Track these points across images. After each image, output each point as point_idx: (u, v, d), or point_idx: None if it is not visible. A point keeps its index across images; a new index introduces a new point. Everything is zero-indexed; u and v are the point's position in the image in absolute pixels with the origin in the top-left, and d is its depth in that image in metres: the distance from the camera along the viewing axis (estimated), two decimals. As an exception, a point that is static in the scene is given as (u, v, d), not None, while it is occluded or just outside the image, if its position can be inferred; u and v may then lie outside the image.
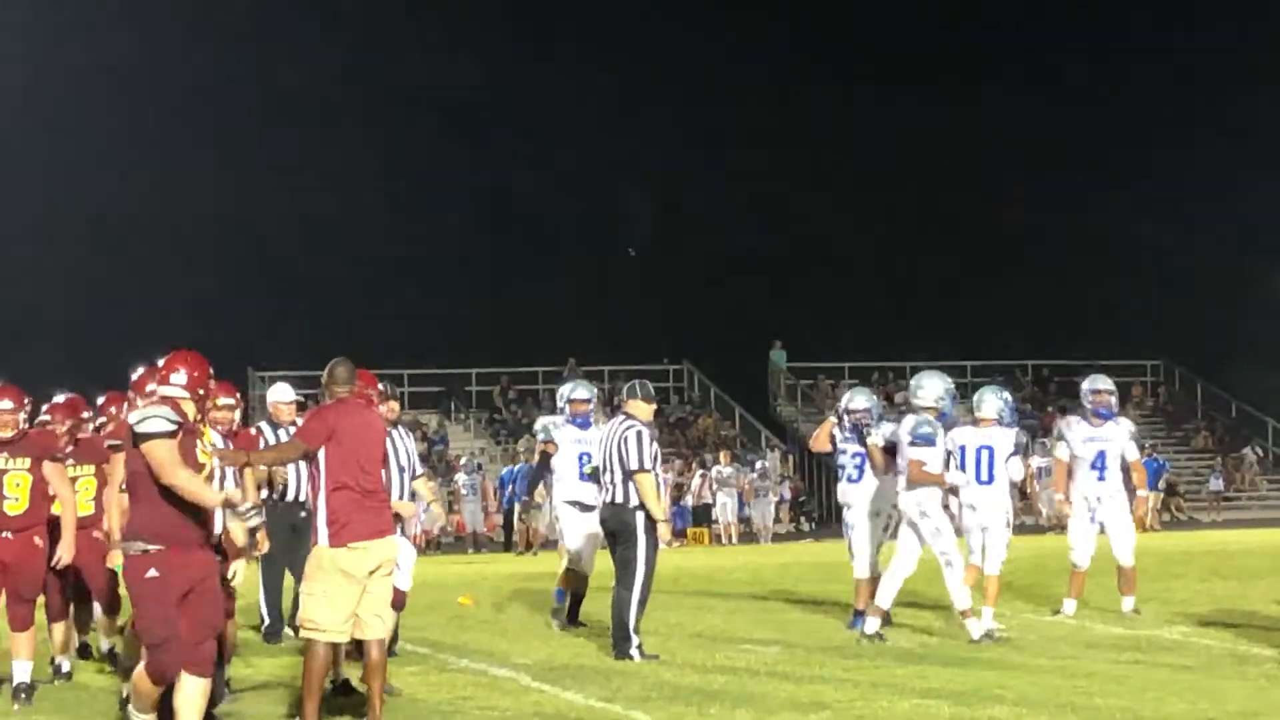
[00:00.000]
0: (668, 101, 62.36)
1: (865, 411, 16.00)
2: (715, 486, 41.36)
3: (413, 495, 13.89)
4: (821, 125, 62.35)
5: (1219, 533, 38.68)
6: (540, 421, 17.51)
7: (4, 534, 12.18)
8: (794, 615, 17.33)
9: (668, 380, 53.98)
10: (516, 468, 38.61)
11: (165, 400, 9.73)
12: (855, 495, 16.19)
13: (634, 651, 13.97)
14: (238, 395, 13.27)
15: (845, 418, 16.16)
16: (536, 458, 17.28)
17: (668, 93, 62.18)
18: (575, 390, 17.25)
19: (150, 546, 9.42)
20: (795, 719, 10.91)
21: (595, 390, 17.67)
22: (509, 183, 59.37)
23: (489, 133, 59.50)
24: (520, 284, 58.46)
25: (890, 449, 15.45)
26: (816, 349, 56.02)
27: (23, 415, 12.42)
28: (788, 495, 47.52)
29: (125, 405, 12.49)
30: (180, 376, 9.93)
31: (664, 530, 14.54)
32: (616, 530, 14.34)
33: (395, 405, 13.62)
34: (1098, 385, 17.27)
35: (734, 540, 39.97)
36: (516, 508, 37.37)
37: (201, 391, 10.01)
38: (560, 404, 17.42)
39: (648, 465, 14.35)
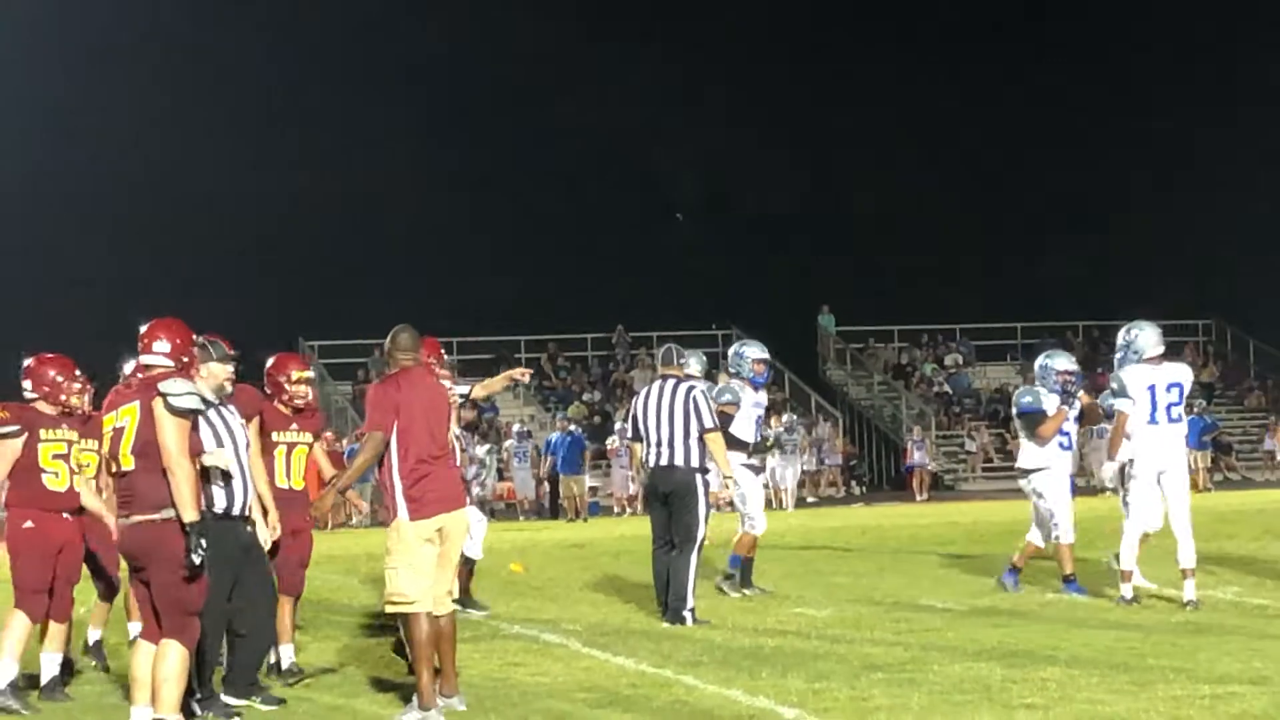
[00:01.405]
0: (715, 64, 62.19)
1: (1070, 373, 15.63)
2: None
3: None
4: (871, 88, 62.15)
5: (1273, 492, 38.47)
6: (724, 382, 16.93)
7: (63, 514, 11.47)
8: (843, 580, 17.32)
9: (716, 346, 53.89)
10: (558, 436, 38.63)
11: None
12: (1060, 461, 15.69)
13: (688, 615, 13.99)
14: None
15: (1047, 380, 15.67)
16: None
17: (714, 56, 62.02)
18: (756, 349, 16.81)
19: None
20: (847, 683, 10.87)
21: None
22: (555, 150, 59.29)
23: (534, 100, 59.37)
24: (568, 251, 58.41)
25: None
26: (865, 313, 55.96)
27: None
28: (839, 459, 47.44)
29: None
30: (163, 344, 9.77)
31: (732, 487, 14.71)
32: (674, 492, 14.30)
33: (446, 374, 13.59)
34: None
35: (787, 505, 39.88)
36: (561, 476, 37.48)
37: (185, 359, 9.86)
38: (736, 365, 16.77)
39: (718, 424, 14.45)
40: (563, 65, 59.88)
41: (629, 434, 15.14)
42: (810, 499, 42.09)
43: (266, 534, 10.98)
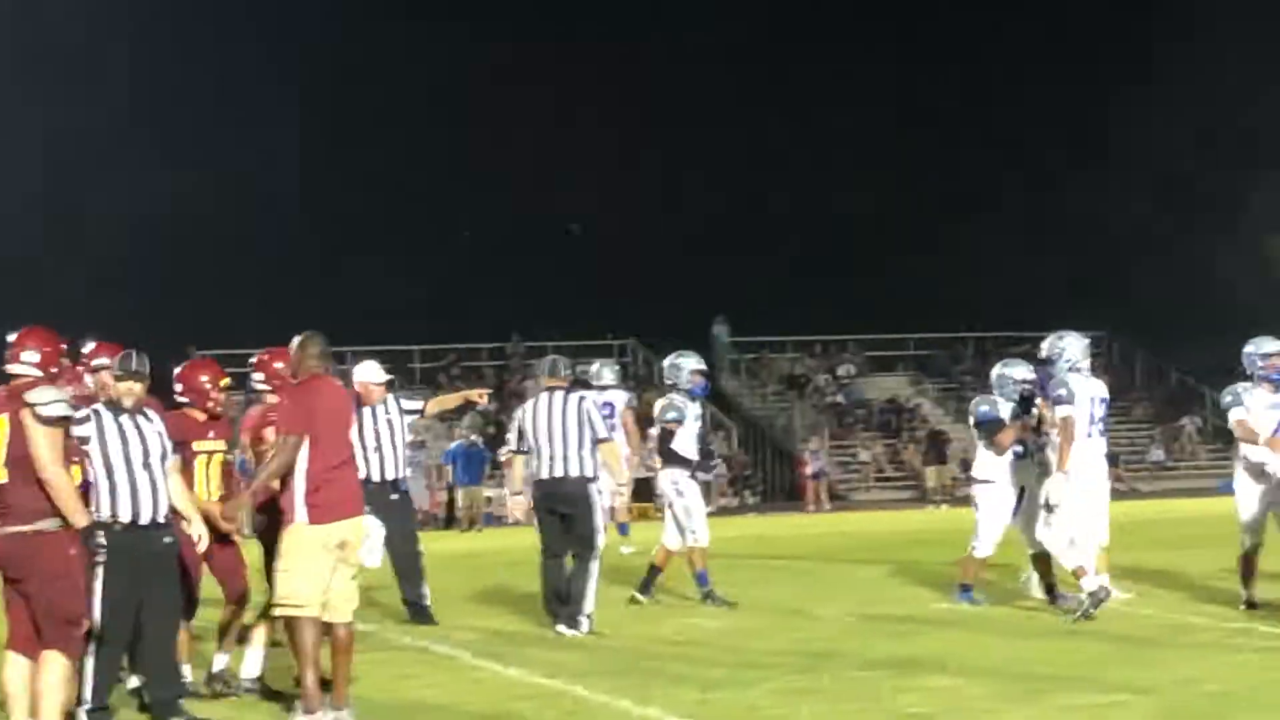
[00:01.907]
0: (611, 79, 62.22)
1: (1029, 382, 15.31)
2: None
3: None
4: (766, 100, 62.43)
5: (1159, 502, 38.91)
6: (666, 400, 16.49)
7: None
8: (735, 589, 17.32)
9: (613, 356, 53.92)
10: (456, 445, 38.50)
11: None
12: (1006, 475, 15.35)
13: (584, 620, 13.99)
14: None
15: (1005, 389, 15.43)
16: (658, 436, 16.48)
17: (611, 70, 62.05)
18: (694, 360, 16.69)
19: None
20: (738, 693, 10.89)
21: None
22: (450, 157, 59.13)
23: (432, 107, 59.23)
24: (463, 260, 58.24)
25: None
26: (759, 323, 56.09)
27: None
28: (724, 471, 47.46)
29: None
30: (31, 354, 9.65)
31: (624, 494, 14.72)
32: (567, 503, 14.27)
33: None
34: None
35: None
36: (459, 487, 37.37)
37: (54, 370, 9.74)
38: (674, 376, 16.60)
39: (610, 434, 14.48)
40: (460, 72, 59.80)
41: (512, 447, 15.03)
42: (709, 508, 42.11)
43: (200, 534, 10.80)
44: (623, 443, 23.88)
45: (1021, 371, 15.39)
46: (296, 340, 10.69)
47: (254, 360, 12.00)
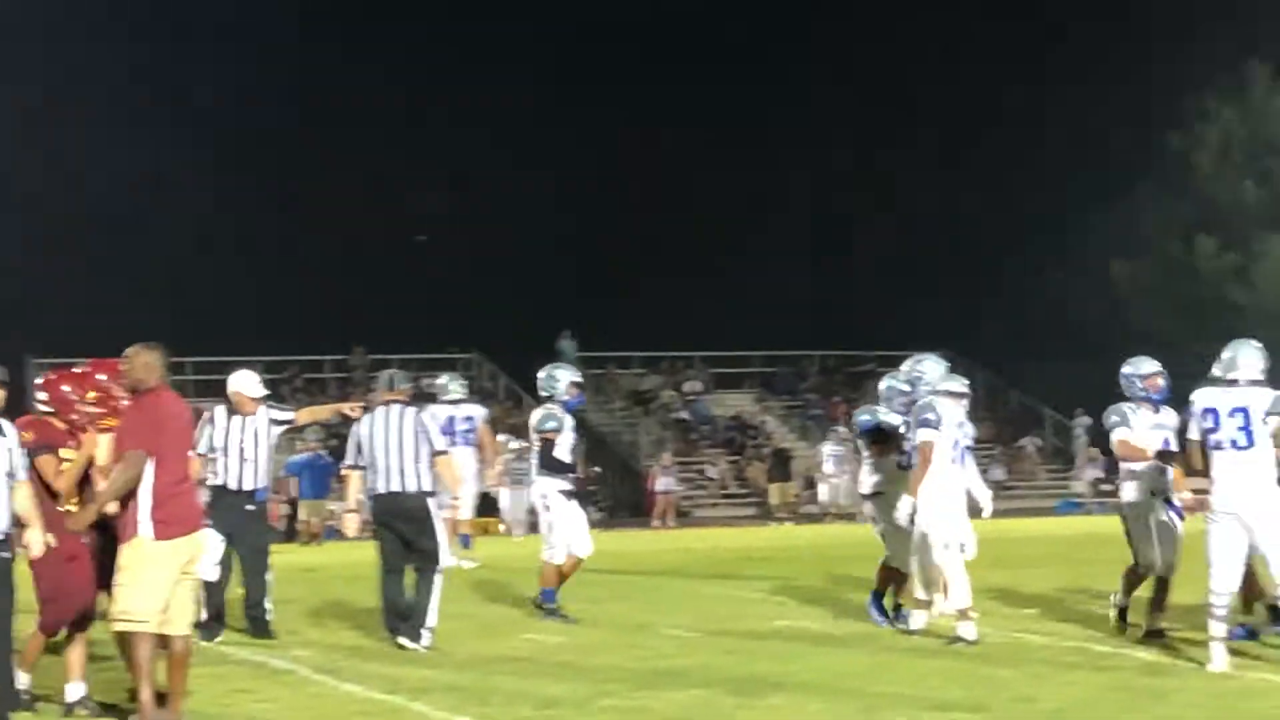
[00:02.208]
0: (459, 87, 62.11)
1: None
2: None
3: None
4: (608, 114, 62.53)
5: (1000, 521, 39.19)
6: (545, 411, 16.39)
7: None
8: (578, 605, 17.30)
9: (457, 369, 53.76)
10: (302, 458, 38.12)
11: None
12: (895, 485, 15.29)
13: (426, 633, 13.92)
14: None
15: (892, 402, 15.37)
16: (538, 447, 16.37)
17: (458, 79, 61.94)
18: (570, 373, 16.67)
19: None
20: (576, 709, 10.88)
21: None
22: (296, 168, 58.75)
23: (278, 117, 58.83)
24: (307, 271, 57.86)
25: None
26: (606, 339, 56.12)
27: None
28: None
29: None
30: None
31: (459, 507, 14.63)
32: (406, 518, 14.18)
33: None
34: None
35: (516, 533, 39.63)
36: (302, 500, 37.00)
37: None
38: (550, 388, 16.48)
39: (446, 447, 14.43)
40: (308, 84, 59.49)
41: (349, 461, 14.92)
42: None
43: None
44: (473, 456, 24.03)
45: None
46: (135, 351, 10.53)
47: (40, 380, 11.65)
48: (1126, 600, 14.58)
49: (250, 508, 15.06)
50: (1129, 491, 14.18)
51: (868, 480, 15.40)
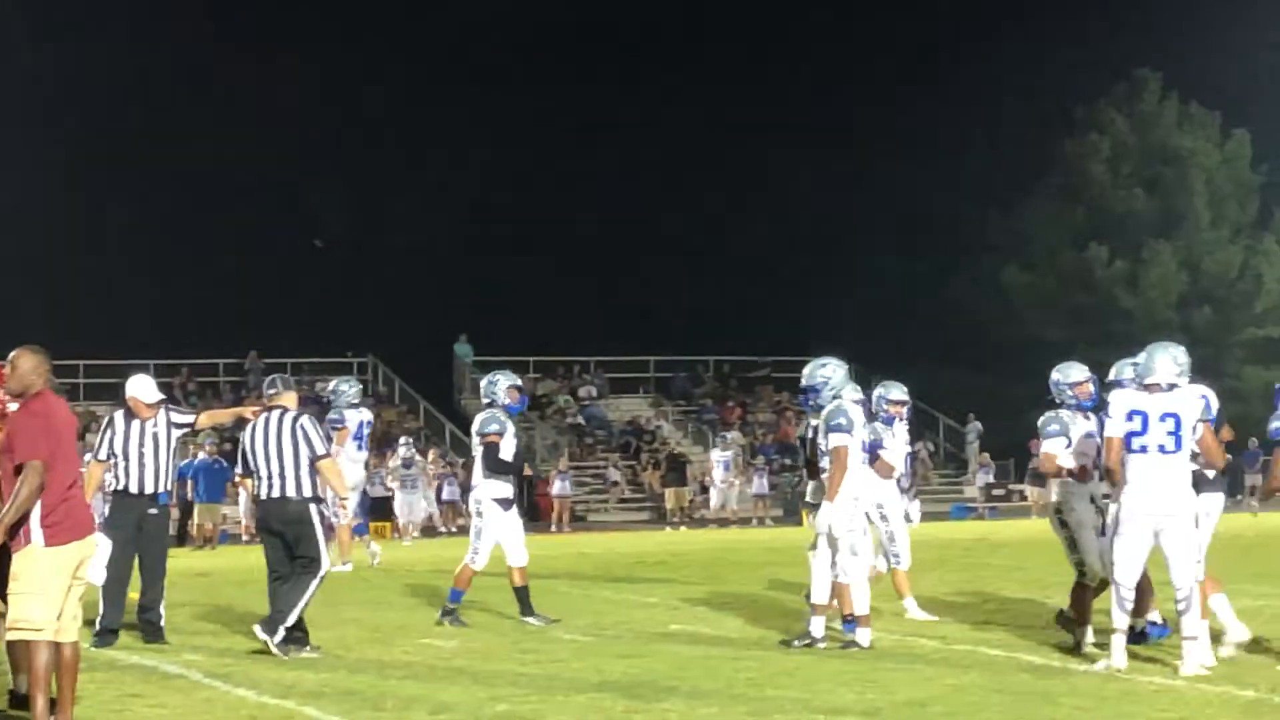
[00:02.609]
0: (358, 94, 61.98)
1: (901, 404, 15.34)
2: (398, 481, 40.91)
3: None
4: (509, 122, 62.57)
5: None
6: (486, 414, 16.36)
7: None
8: (473, 611, 17.28)
9: (353, 373, 53.58)
10: (196, 461, 37.79)
11: None
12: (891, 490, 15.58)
13: (281, 630, 13.78)
14: None
15: (882, 409, 15.35)
16: (481, 451, 16.31)
17: (358, 85, 61.81)
18: (510, 378, 16.64)
19: None
20: (470, 714, 10.86)
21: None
22: (193, 171, 58.37)
23: (176, 120, 58.42)
24: (201, 273, 57.52)
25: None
26: (501, 343, 56.06)
27: None
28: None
29: None
30: None
31: (348, 511, 14.54)
32: (288, 524, 14.11)
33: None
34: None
35: (406, 539, 39.52)
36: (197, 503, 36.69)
37: None
38: (491, 394, 16.52)
39: (330, 450, 14.36)
40: (207, 84, 59.16)
41: (239, 469, 14.85)
42: (443, 529, 41.92)
43: None
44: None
45: (896, 393, 15.38)
46: (18, 354, 10.38)
47: None
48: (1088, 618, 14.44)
49: (152, 511, 14.97)
50: (1080, 500, 13.96)
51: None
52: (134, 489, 14.89)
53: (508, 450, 16.22)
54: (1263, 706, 10.85)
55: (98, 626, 14.64)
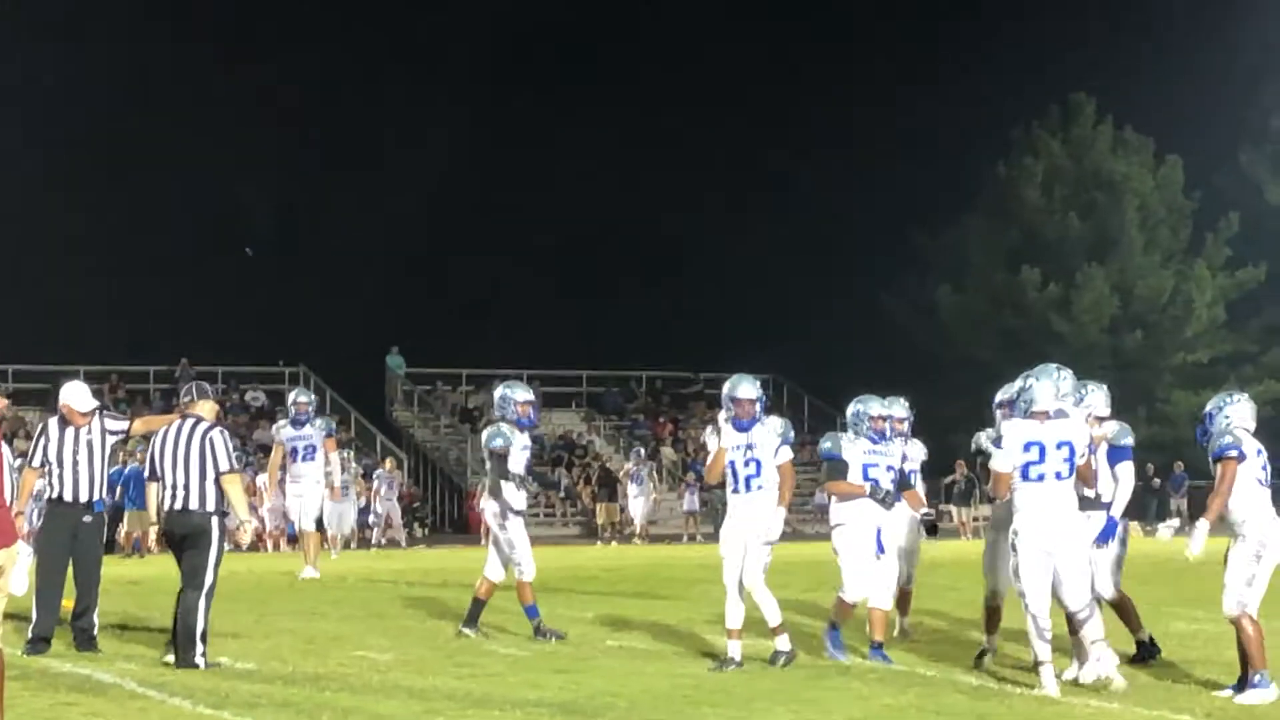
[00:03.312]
0: (289, 101, 61.76)
1: (884, 418, 14.77)
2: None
3: None
4: (440, 132, 62.49)
5: (823, 544, 39.54)
6: (493, 428, 16.31)
7: None
8: (408, 623, 17.24)
9: (284, 383, 53.41)
10: (127, 469, 37.48)
11: None
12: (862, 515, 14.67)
13: (200, 660, 13.68)
14: None
15: (878, 425, 14.78)
16: (489, 463, 16.28)
17: (290, 92, 61.59)
18: (522, 392, 16.50)
19: None
20: (408, 727, 10.85)
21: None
22: (123, 176, 58.08)
23: (106, 125, 58.10)
24: (132, 279, 57.16)
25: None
26: (434, 355, 55.98)
27: None
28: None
29: None
30: None
31: (248, 532, 14.40)
32: (188, 535, 13.96)
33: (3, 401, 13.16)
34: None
35: (353, 545, 39.35)
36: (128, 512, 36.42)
37: None
38: (502, 408, 16.41)
39: (237, 466, 14.22)
40: (139, 89, 58.84)
41: (146, 474, 14.69)
42: (375, 541, 41.76)
43: None
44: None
45: (877, 408, 14.86)
46: None
47: None
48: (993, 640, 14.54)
49: (87, 519, 14.85)
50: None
51: (837, 510, 14.86)
52: (68, 497, 14.78)
53: (518, 462, 16.17)
54: (1198, 730, 10.93)
55: (30, 634, 14.55)
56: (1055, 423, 12.63)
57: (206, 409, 14.50)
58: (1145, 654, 14.34)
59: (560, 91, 64.83)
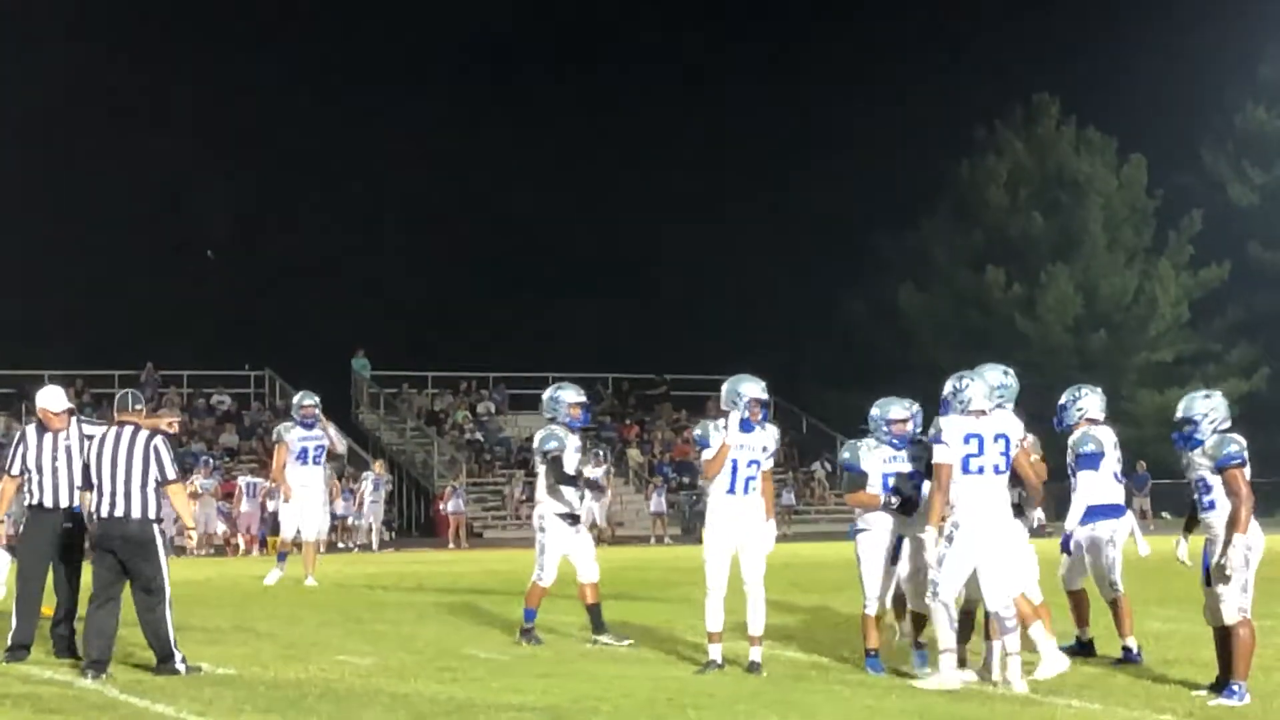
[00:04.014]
0: (251, 104, 61.65)
1: (901, 420, 14.18)
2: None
3: None
4: (405, 137, 62.47)
5: (791, 545, 39.58)
6: (545, 431, 16.27)
7: None
8: (383, 627, 17.23)
9: (249, 386, 53.33)
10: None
11: None
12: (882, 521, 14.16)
13: (180, 665, 13.65)
14: None
15: (898, 430, 14.19)
16: (543, 468, 16.15)
17: (251, 95, 61.49)
18: (573, 393, 16.41)
19: None
20: (394, 733, 10.85)
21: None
22: (85, 178, 57.91)
23: (64, 127, 57.92)
24: (96, 284, 57.02)
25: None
26: (399, 358, 55.92)
27: None
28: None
29: None
30: None
31: (193, 537, 14.33)
32: (127, 545, 13.77)
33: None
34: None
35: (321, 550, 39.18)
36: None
37: None
38: (553, 410, 16.39)
39: (178, 475, 14.17)
40: (97, 95, 58.67)
41: (79, 482, 14.49)
42: (341, 545, 41.74)
43: None
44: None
45: (898, 411, 14.20)
46: None
47: None
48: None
49: (68, 525, 14.79)
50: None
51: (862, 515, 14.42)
52: (49, 503, 14.70)
53: (570, 465, 16.13)
54: (1180, 730, 10.99)
55: (10, 641, 14.50)
56: (991, 416, 12.85)
57: (141, 417, 14.41)
58: (1082, 652, 14.56)
59: (523, 94, 64.87)
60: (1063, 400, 15.08)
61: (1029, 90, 60.77)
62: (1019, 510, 13.47)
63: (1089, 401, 14.86)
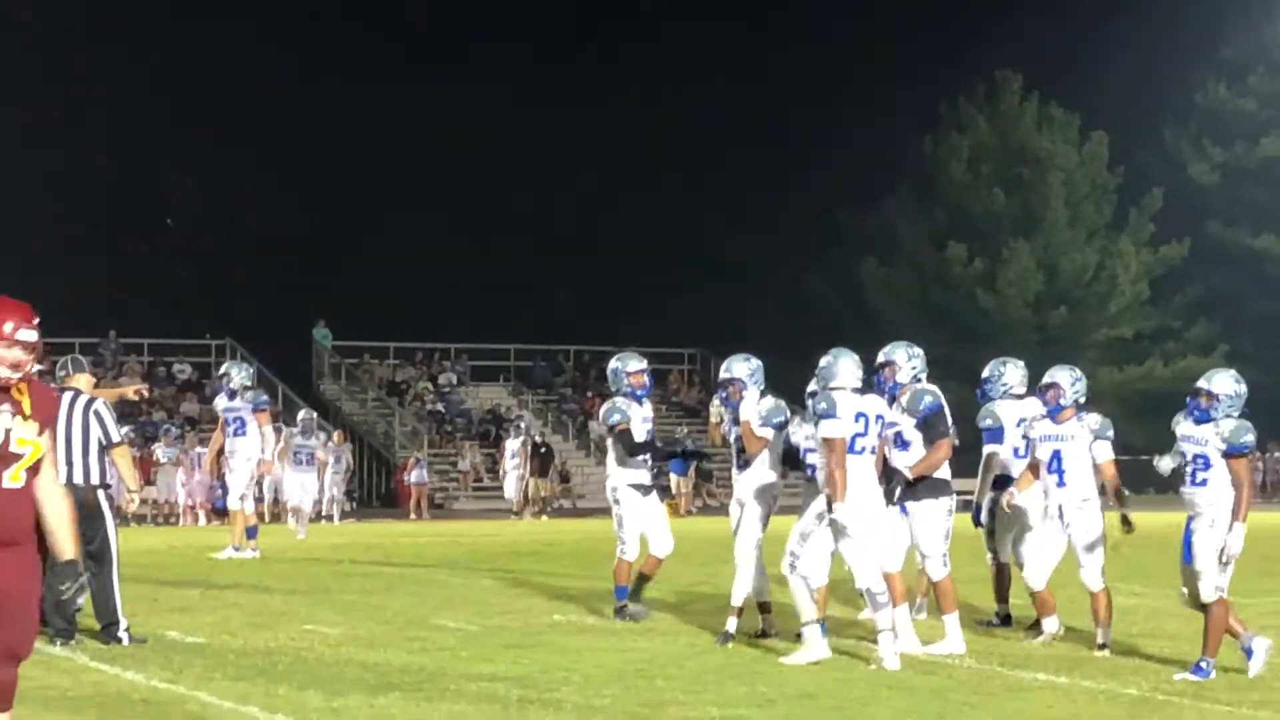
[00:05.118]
0: (209, 74, 61.48)
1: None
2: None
3: None
4: (358, 106, 62.35)
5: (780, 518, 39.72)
6: (609, 404, 15.80)
7: None
8: (352, 597, 17.26)
9: (210, 355, 53.17)
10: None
11: None
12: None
13: (124, 635, 13.63)
14: None
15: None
16: (612, 441, 15.81)
17: (210, 66, 61.34)
18: (634, 362, 15.93)
19: None
20: (365, 699, 10.83)
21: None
22: (45, 145, 57.63)
23: (26, 96, 57.62)
24: (56, 251, 56.74)
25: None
26: (361, 328, 55.80)
27: None
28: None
29: None
30: None
31: (135, 501, 14.30)
32: (77, 511, 13.68)
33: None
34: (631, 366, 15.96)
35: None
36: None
37: None
38: (616, 382, 15.96)
39: (122, 438, 14.13)
40: (57, 62, 58.39)
41: None
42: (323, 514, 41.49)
43: None
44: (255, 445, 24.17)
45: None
46: None
47: None
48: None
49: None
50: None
51: None
52: None
53: (640, 434, 15.72)
54: (1147, 704, 11.06)
55: None
56: (865, 397, 12.98)
57: (84, 382, 14.34)
58: (1000, 623, 15.01)
59: (488, 67, 64.74)
60: (986, 373, 15.18)
61: (991, 67, 60.92)
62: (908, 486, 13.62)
63: (1011, 375, 15.02)
